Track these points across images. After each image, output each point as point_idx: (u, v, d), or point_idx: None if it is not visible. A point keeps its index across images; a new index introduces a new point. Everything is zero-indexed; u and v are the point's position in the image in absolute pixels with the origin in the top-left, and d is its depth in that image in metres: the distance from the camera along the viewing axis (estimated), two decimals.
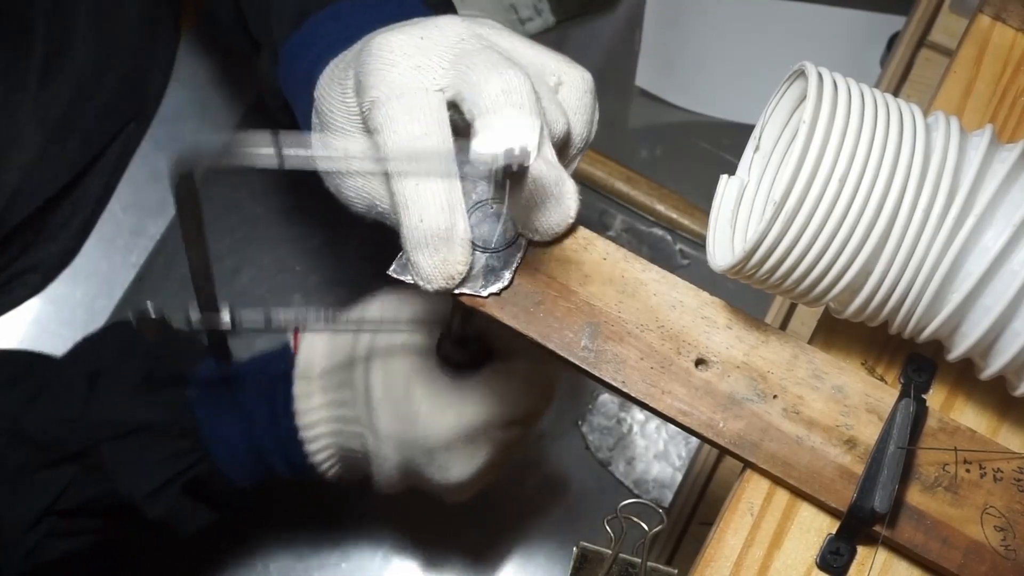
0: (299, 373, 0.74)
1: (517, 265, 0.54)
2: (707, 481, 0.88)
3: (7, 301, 0.97)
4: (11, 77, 0.88)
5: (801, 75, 0.51)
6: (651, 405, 0.52)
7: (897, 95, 0.70)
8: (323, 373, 0.74)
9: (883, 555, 0.52)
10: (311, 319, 0.66)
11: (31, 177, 0.91)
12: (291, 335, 0.76)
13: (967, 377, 0.55)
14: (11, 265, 0.95)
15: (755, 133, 0.54)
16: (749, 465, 0.53)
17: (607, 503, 0.62)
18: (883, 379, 0.55)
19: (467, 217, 0.53)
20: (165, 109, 1.06)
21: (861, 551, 0.52)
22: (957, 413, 0.55)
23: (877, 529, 0.50)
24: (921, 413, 0.52)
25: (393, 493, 0.77)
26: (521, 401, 0.73)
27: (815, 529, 0.52)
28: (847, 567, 0.52)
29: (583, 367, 0.53)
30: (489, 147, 0.47)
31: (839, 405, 0.53)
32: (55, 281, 0.99)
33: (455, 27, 0.55)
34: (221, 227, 1.04)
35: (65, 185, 0.95)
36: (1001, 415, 0.55)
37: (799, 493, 0.52)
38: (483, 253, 0.54)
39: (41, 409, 0.74)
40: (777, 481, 0.52)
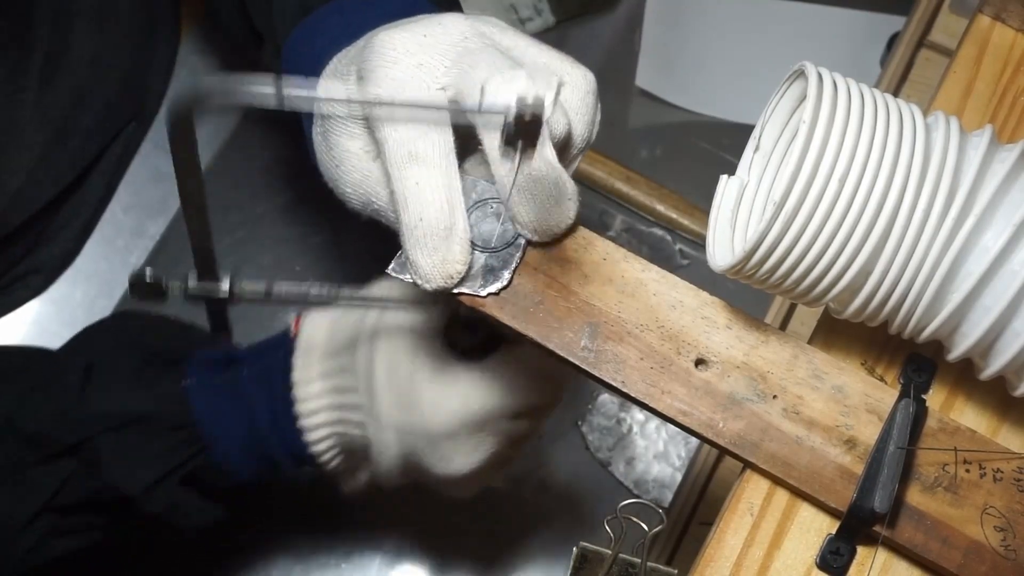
0: (299, 360, 0.72)
1: (516, 265, 0.54)
2: (707, 481, 0.88)
3: (8, 302, 0.97)
4: (12, 79, 0.88)
5: (801, 75, 0.51)
6: (651, 405, 0.52)
7: (897, 95, 0.70)
8: (324, 359, 0.72)
9: (883, 555, 0.52)
10: (314, 293, 0.62)
11: (33, 179, 0.91)
12: (291, 321, 0.74)
13: (967, 377, 0.55)
14: (13, 267, 0.95)
15: (755, 133, 0.54)
16: (749, 465, 0.53)
17: (607, 503, 0.62)
18: (883, 379, 0.55)
19: (467, 216, 0.53)
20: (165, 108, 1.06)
21: (861, 551, 0.52)
22: (957, 413, 0.55)
23: (877, 529, 0.50)
24: (921, 413, 0.52)
25: (394, 487, 0.75)
26: (530, 391, 0.70)
27: (815, 529, 0.52)
28: (847, 567, 0.52)
29: (583, 367, 0.53)
30: (502, 96, 0.47)
31: (839, 405, 0.53)
32: (55, 281, 0.99)
33: (459, 25, 0.55)
34: (221, 227, 1.04)
35: (67, 186, 0.95)
36: (1001, 415, 0.55)
37: (799, 493, 0.52)
38: (482, 253, 0.54)
39: (35, 404, 0.73)
40: (777, 481, 0.52)
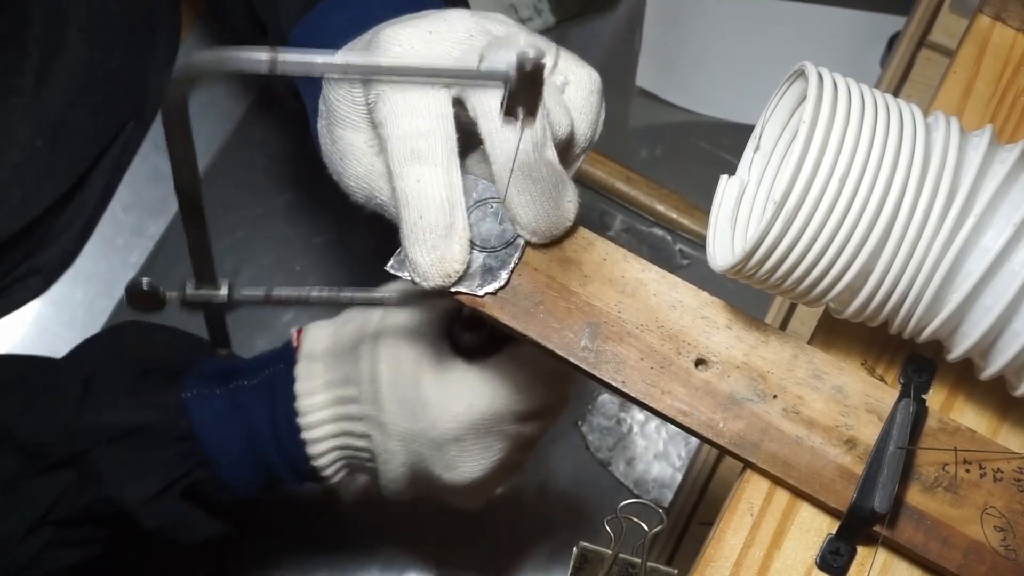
0: (302, 372, 0.71)
1: (514, 265, 0.54)
2: (707, 481, 0.88)
3: (8, 303, 0.96)
4: (6, 80, 0.88)
5: (801, 75, 0.51)
6: (651, 405, 0.52)
7: (897, 95, 0.70)
8: (326, 370, 0.71)
9: (883, 555, 0.52)
10: (314, 295, 0.61)
11: (31, 181, 0.91)
12: (293, 334, 0.73)
13: (967, 377, 0.55)
14: (13, 269, 0.95)
15: (755, 133, 0.54)
16: (749, 465, 0.53)
17: (607, 503, 0.62)
18: (883, 379, 0.55)
19: (467, 216, 0.53)
20: None
21: (861, 551, 0.52)
22: (957, 413, 0.55)
23: (877, 529, 0.50)
24: (921, 413, 0.52)
25: (401, 500, 0.74)
26: (537, 392, 0.68)
27: (815, 529, 0.52)
28: (847, 567, 0.52)
29: (583, 367, 0.53)
30: (502, 55, 0.46)
31: (839, 405, 0.53)
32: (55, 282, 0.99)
33: (464, 22, 0.54)
34: (221, 227, 1.04)
35: (66, 187, 0.95)
36: (1001, 415, 0.55)
37: (799, 493, 0.52)
38: (481, 252, 0.54)
39: (35, 415, 0.72)
40: (777, 481, 0.52)
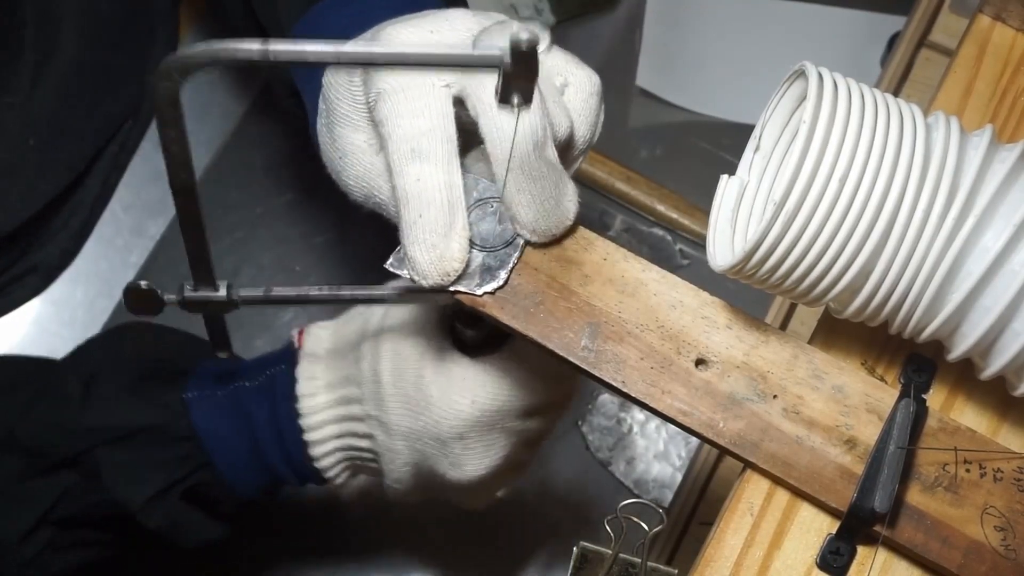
0: (303, 372, 0.71)
1: (513, 265, 0.54)
2: (707, 481, 0.88)
3: (8, 302, 0.96)
4: (2, 81, 0.88)
5: (801, 75, 0.51)
6: (651, 405, 0.52)
7: (897, 95, 0.70)
8: (328, 370, 0.70)
9: (883, 555, 0.52)
10: (313, 294, 0.60)
11: (26, 180, 0.91)
12: (294, 335, 0.73)
13: (967, 377, 0.55)
14: (11, 267, 0.95)
15: (755, 133, 0.54)
16: (749, 465, 0.53)
17: (607, 503, 0.62)
18: (883, 379, 0.55)
19: (467, 215, 0.53)
20: None
21: (861, 551, 0.52)
22: (957, 413, 0.55)
23: (877, 529, 0.50)
24: (921, 413, 0.52)
25: (405, 502, 0.74)
26: (541, 388, 0.67)
27: (815, 529, 0.52)
28: (847, 567, 0.52)
29: (583, 367, 0.53)
30: (496, 40, 0.46)
31: (839, 405, 0.53)
32: (55, 282, 0.99)
33: (465, 21, 0.54)
34: (221, 227, 1.04)
35: (63, 186, 0.95)
36: (1001, 415, 0.55)
37: (799, 493, 0.52)
38: (480, 251, 0.54)
39: (36, 415, 0.72)
40: (777, 481, 0.52)
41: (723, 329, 0.53)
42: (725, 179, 0.54)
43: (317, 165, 0.59)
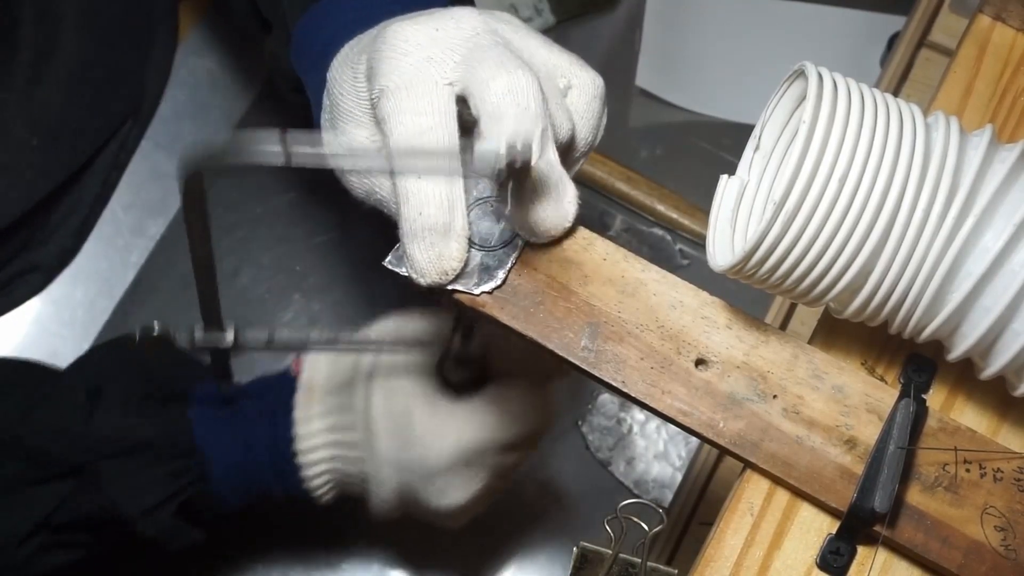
0: (300, 397, 0.75)
1: (512, 265, 0.54)
2: (707, 481, 0.88)
3: (8, 301, 0.97)
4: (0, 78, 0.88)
5: (801, 75, 0.51)
6: (651, 405, 0.52)
7: (897, 95, 0.70)
8: (324, 397, 0.74)
9: (883, 555, 0.52)
10: (313, 339, 0.68)
11: (23, 177, 0.91)
12: (291, 362, 0.77)
13: (967, 377, 0.55)
14: (9, 264, 0.95)
15: (755, 133, 0.54)
16: (749, 465, 0.53)
17: (607, 503, 0.62)
18: (883, 379, 0.55)
19: (466, 214, 0.53)
20: (164, 108, 1.05)
21: (861, 551, 0.52)
22: (957, 413, 0.55)
23: (877, 529, 0.50)
24: (921, 413, 0.52)
25: (387, 518, 0.78)
26: (520, 425, 0.73)
27: (815, 529, 0.52)
28: (847, 567, 0.52)
29: (583, 367, 0.53)
30: (491, 146, 0.47)
31: (839, 405, 0.53)
32: (55, 281, 0.99)
33: (471, 20, 0.54)
34: (221, 227, 1.04)
35: (61, 184, 0.95)
36: (1001, 415, 0.55)
37: (799, 493, 0.52)
38: (479, 251, 0.54)
39: (40, 421, 0.74)
40: (777, 481, 0.52)
41: (723, 329, 0.53)
42: (725, 179, 0.54)
43: None
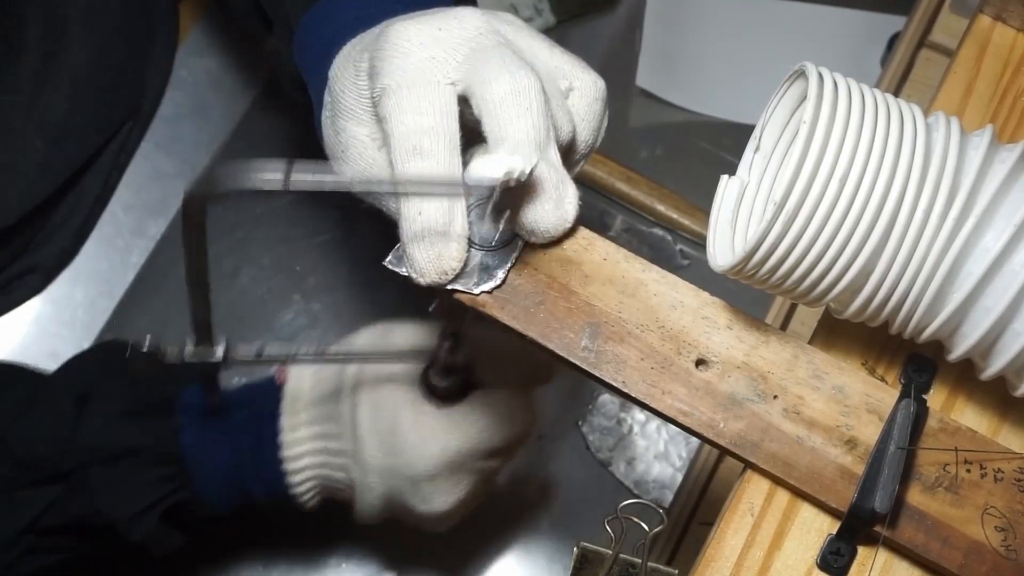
0: (287, 406, 0.75)
1: (511, 265, 0.54)
2: (707, 481, 0.88)
3: (7, 301, 0.97)
4: (4, 79, 0.88)
5: (801, 75, 0.51)
6: (651, 405, 0.52)
7: (897, 95, 0.70)
8: (310, 405, 0.75)
9: (883, 555, 0.52)
10: (301, 352, 0.69)
11: (27, 179, 0.91)
12: (276, 371, 0.77)
13: (967, 377, 0.55)
14: (10, 265, 0.95)
15: (755, 133, 0.54)
16: (749, 465, 0.53)
17: (607, 503, 0.62)
18: (883, 379, 0.55)
19: (466, 214, 0.53)
20: (165, 109, 1.06)
21: (861, 551, 0.52)
22: (957, 413, 0.55)
23: (878, 529, 0.50)
24: (921, 413, 0.52)
25: (372, 523, 0.79)
26: (503, 431, 0.75)
27: (815, 529, 0.52)
28: (847, 567, 0.52)
29: (583, 367, 0.53)
30: (487, 171, 0.48)
31: (839, 405, 0.53)
32: (55, 282, 0.99)
33: (474, 20, 0.54)
34: (221, 227, 1.04)
35: (62, 185, 0.95)
36: (1002, 415, 0.55)
37: (799, 493, 0.52)
38: (479, 251, 0.54)
39: (28, 427, 0.74)
40: (777, 481, 0.52)
41: (723, 329, 0.53)
42: (725, 179, 0.54)
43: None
